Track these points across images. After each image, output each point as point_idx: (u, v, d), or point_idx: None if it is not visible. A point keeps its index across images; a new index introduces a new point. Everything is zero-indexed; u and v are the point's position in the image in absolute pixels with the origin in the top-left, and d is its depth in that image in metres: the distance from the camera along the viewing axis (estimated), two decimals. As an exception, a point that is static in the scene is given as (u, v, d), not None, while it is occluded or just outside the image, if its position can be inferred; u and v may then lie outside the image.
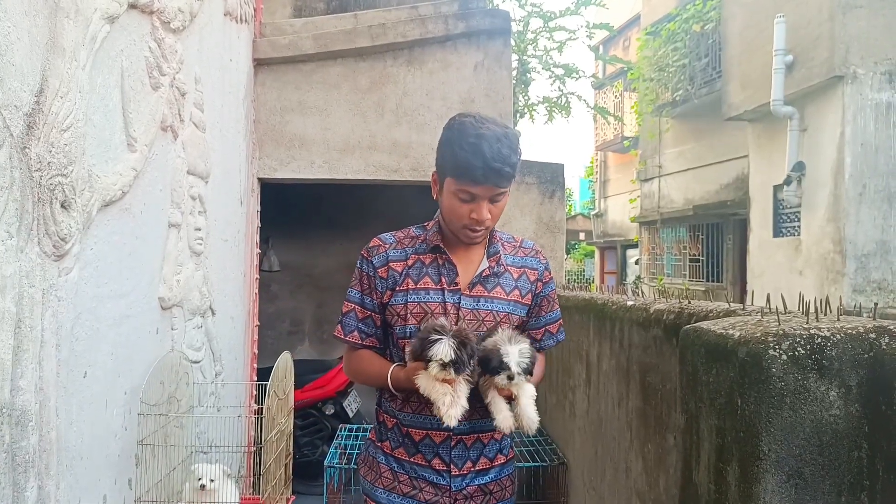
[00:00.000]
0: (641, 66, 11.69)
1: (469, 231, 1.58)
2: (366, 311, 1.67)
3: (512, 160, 1.51)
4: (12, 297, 1.62)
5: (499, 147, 1.48)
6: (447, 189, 1.57)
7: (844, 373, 1.16)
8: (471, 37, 4.37)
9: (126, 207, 2.26)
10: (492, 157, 1.47)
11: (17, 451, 1.65)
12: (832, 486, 1.15)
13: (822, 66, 7.29)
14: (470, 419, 1.62)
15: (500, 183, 1.51)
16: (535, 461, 3.39)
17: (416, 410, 1.63)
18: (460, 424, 1.58)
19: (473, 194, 1.52)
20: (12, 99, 1.61)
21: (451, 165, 1.54)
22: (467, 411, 1.59)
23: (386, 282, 1.64)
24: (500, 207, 1.59)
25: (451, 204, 1.57)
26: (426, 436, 1.63)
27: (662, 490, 1.93)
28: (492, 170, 1.48)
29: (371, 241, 1.71)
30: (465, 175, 1.50)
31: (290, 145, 4.25)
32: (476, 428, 1.66)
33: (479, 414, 1.63)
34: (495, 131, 1.50)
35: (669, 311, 1.90)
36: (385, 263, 1.65)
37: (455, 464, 1.63)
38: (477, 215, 1.54)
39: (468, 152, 1.49)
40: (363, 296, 1.67)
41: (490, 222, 1.58)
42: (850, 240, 7.03)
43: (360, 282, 1.67)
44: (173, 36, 2.64)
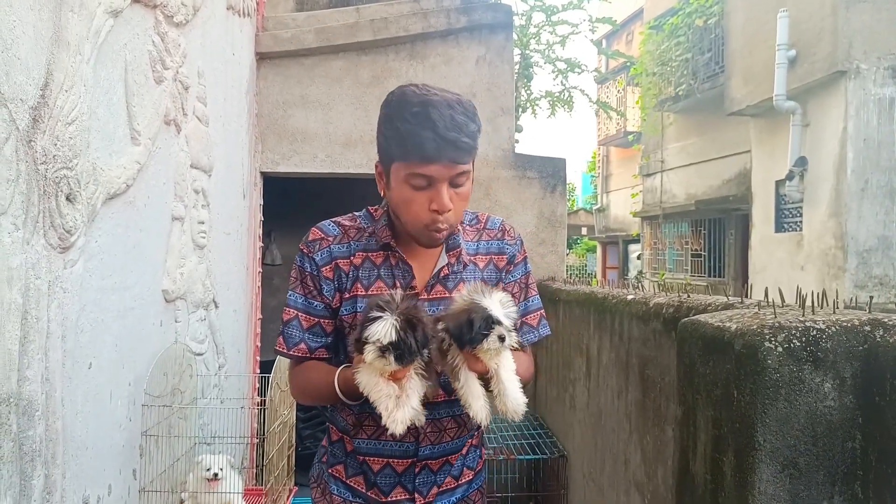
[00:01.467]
0: (644, 60, 11.66)
1: (432, 232, 1.29)
2: (312, 318, 1.38)
3: (470, 129, 1.23)
4: (19, 288, 1.64)
5: (451, 113, 1.21)
6: (395, 178, 1.28)
7: (839, 365, 1.17)
8: (473, 31, 4.38)
9: (130, 200, 2.28)
10: (444, 126, 1.19)
11: (24, 441, 1.67)
12: (826, 476, 1.17)
13: (824, 60, 7.28)
14: (439, 441, 1.39)
15: (458, 158, 1.22)
16: (535, 453, 3.42)
17: (372, 435, 1.38)
18: (424, 447, 1.37)
19: (428, 177, 1.23)
20: (18, 93, 1.62)
21: (395, 145, 1.25)
22: (430, 428, 1.37)
23: (332, 283, 1.37)
24: (464, 195, 1.29)
25: (402, 196, 1.28)
26: (386, 465, 1.38)
27: (661, 481, 1.95)
28: (446, 141, 1.19)
29: (310, 233, 1.42)
30: (413, 152, 1.21)
31: (292, 139, 4.27)
32: (446, 450, 1.41)
33: (448, 434, 1.40)
34: (445, 97, 1.24)
35: (669, 304, 1.91)
36: (330, 261, 1.37)
37: (420, 492, 1.39)
38: (437, 204, 1.24)
39: (414, 123, 1.20)
40: (308, 300, 1.38)
41: (454, 216, 1.29)
42: (851, 235, 7.03)
43: (301, 283, 1.39)
44: (176, 30, 2.65)
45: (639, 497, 2.14)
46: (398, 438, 1.33)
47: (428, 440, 1.38)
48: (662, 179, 12.61)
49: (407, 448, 1.38)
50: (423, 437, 1.37)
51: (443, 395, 1.38)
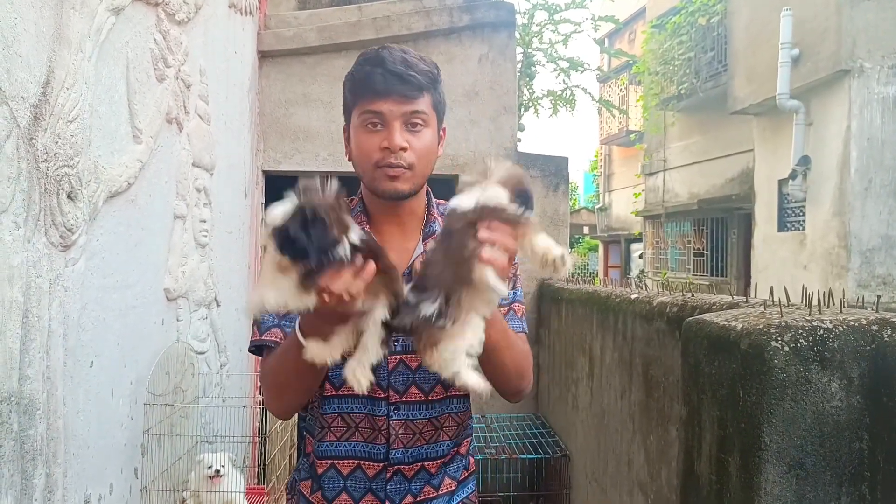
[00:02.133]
0: (647, 59, 11.63)
1: (385, 171, 1.22)
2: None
3: (419, 66, 1.23)
4: (20, 286, 1.63)
5: (402, 55, 1.23)
6: (354, 128, 1.27)
7: (846, 364, 1.16)
8: (475, 29, 4.37)
9: (132, 199, 2.27)
10: (392, 61, 1.21)
11: (26, 439, 1.67)
12: (833, 476, 1.16)
13: (828, 59, 7.25)
14: (413, 445, 1.29)
15: (407, 93, 1.21)
16: (537, 453, 3.41)
17: (341, 437, 1.29)
18: (396, 450, 1.26)
19: (378, 113, 1.21)
20: (19, 90, 1.62)
21: (349, 91, 1.28)
22: (402, 430, 1.26)
23: None
24: (423, 141, 1.24)
25: (358, 143, 1.25)
26: (357, 467, 1.28)
27: (664, 482, 1.94)
28: (393, 74, 1.20)
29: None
30: (364, 90, 1.23)
31: (294, 138, 4.26)
32: (421, 455, 1.30)
33: (423, 438, 1.30)
34: (402, 47, 1.27)
35: (673, 303, 1.90)
36: None
37: (391, 500, 1.29)
38: (388, 141, 1.21)
39: (364, 64, 1.24)
40: None
41: (411, 157, 1.23)
42: (854, 234, 7.01)
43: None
44: (178, 28, 2.65)
45: (642, 497, 2.13)
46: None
47: (400, 442, 1.28)
48: (665, 178, 12.59)
49: (377, 451, 1.28)
50: (395, 440, 1.27)
51: (417, 393, 1.28)
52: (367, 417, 1.27)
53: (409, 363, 1.28)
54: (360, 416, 1.27)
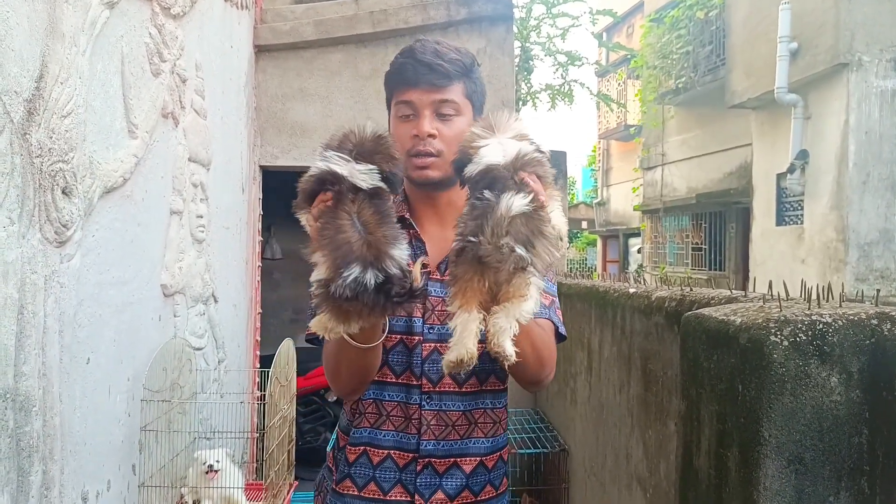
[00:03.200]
0: (645, 53, 11.61)
1: (413, 158, 1.26)
2: None
3: (449, 56, 1.27)
4: (15, 283, 1.62)
5: (434, 45, 1.28)
6: (391, 119, 1.34)
7: (846, 359, 1.16)
8: (473, 23, 4.34)
9: (127, 194, 2.26)
10: (422, 52, 1.26)
11: (22, 436, 1.66)
12: (832, 471, 1.16)
13: (826, 53, 7.24)
14: (444, 438, 1.27)
15: (436, 81, 1.25)
16: (535, 448, 3.41)
17: (374, 423, 1.29)
18: (426, 441, 1.26)
19: (410, 103, 1.26)
20: (12, 84, 1.60)
21: (386, 84, 1.35)
22: (434, 421, 1.26)
23: None
24: (454, 129, 1.26)
25: (394, 132, 1.31)
26: (387, 457, 1.28)
27: (663, 476, 1.94)
28: (423, 63, 1.25)
29: None
30: (396, 82, 1.29)
31: (291, 132, 4.24)
32: (453, 450, 1.28)
33: (457, 432, 1.28)
34: (436, 39, 1.33)
35: (671, 298, 1.90)
36: None
37: (421, 495, 1.26)
38: (417, 129, 1.25)
39: (399, 57, 1.31)
40: None
41: (440, 144, 1.26)
42: (852, 228, 7.01)
43: None
44: (174, 22, 2.62)
45: (641, 492, 2.13)
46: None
47: (431, 434, 1.27)
48: (663, 173, 12.58)
49: (407, 441, 1.27)
50: (426, 430, 1.26)
51: (451, 383, 1.26)
52: (400, 406, 1.27)
53: (444, 352, 1.23)
54: (392, 403, 1.28)
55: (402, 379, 1.27)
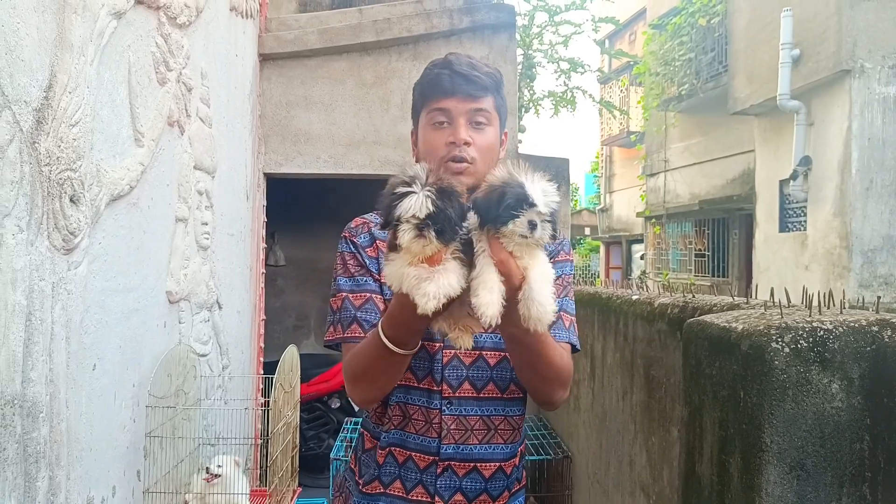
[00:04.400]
0: (647, 60, 11.64)
1: (449, 163, 1.28)
2: (363, 293, 1.32)
3: (484, 69, 1.34)
4: (23, 290, 1.64)
5: (468, 59, 1.35)
6: (422, 127, 1.36)
7: (847, 365, 1.17)
8: (476, 31, 4.37)
9: (134, 202, 2.28)
10: (458, 64, 1.32)
11: (29, 442, 1.67)
12: (834, 477, 1.16)
13: (829, 59, 7.25)
14: (464, 442, 1.31)
15: (472, 92, 1.31)
16: (539, 454, 3.41)
17: (399, 424, 1.33)
18: (447, 445, 1.30)
19: (446, 110, 1.31)
20: (22, 94, 1.62)
21: (419, 93, 1.38)
22: (454, 425, 1.30)
23: (378, 262, 1.33)
24: (486, 138, 1.32)
25: (425, 140, 1.34)
26: (409, 458, 1.32)
27: (666, 483, 1.94)
28: (459, 75, 1.31)
29: (352, 221, 1.42)
30: (432, 90, 1.33)
31: (295, 140, 4.26)
32: (473, 455, 1.32)
33: (476, 437, 1.32)
34: (468, 55, 1.40)
35: (674, 304, 1.91)
36: (371, 242, 1.36)
37: (441, 496, 1.30)
38: (454, 136, 1.29)
39: (434, 68, 1.35)
40: (354, 279, 1.34)
41: (476, 152, 1.30)
42: (856, 234, 7.00)
43: (345, 266, 1.36)
44: (179, 31, 2.65)
45: (644, 498, 2.13)
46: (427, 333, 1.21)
47: (451, 438, 1.30)
48: (666, 179, 12.59)
49: (428, 444, 1.31)
50: (447, 434, 1.30)
51: (469, 389, 1.31)
52: (422, 409, 1.31)
53: (463, 359, 1.32)
54: (414, 407, 1.32)
55: (424, 384, 1.31)
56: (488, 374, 1.32)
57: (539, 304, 1.05)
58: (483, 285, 1.03)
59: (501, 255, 1.05)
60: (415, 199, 1.01)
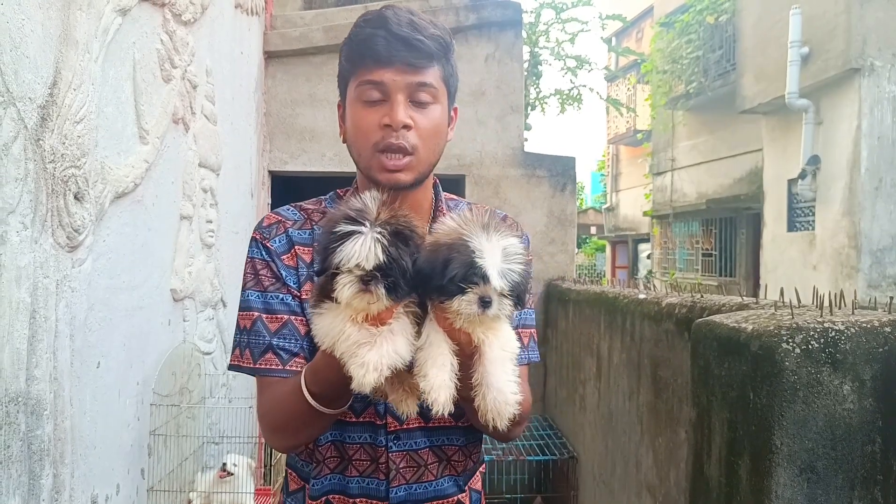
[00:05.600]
0: (654, 58, 11.59)
1: (383, 154, 1.03)
2: (279, 316, 1.08)
3: (429, 31, 1.04)
4: (27, 287, 1.63)
5: (409, 16, 1.05)
6: (350, 102, 1.08)
7: (858, 367, 1.15)
8: (482, 28, 4.35)
9: (138, 199, 2.28)
10: (398, 23, 1.03)
11: (33, 440, 1.67)
12: (845, 480, 1.14)
13: (838, 58, 7.19)
14: (417, 480, 1.10)
15: (414, 61, 1.03)
16: (544, 455, 3.40)
17: (335, 468, 1.09)
18: (397, 487, 1.07)
19: (379, 84, 1.03)
20: (26, 91, 1.62)
21: (346, 58, 1.08)
22: (404, 462, 1.08)
23: (296, 273, 1.10)
24: (430, 119, 1.06)
25: (355, 118, 1.06)
26: None
27: (673, 484, 1.92)
28: (398, 38, 1.02)
29: (264, 218, 1.17)
30: (363, 56, 1.04)
31: (300, 138, 4.26)
32: (428, 494, 1.11)
33: (430, 472, 1.11)
34: (410, 6, 1.11)
35: (682, 304, 1.89)
36: (289, 248, 1.12)
37: None
38: (390, 117, 1.02)
39: (365, 26, 1.05)
40: (267, 293, 1.10)
41: (417, 139, 1.04)
42: (865, 234, 6.95)
43: (256, 277, 1.12)
44: (184, 28, 2.65)
45: (650, 499, 2.11)
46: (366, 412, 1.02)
47: (402, 478, 1.08)
48: (673, 178, 12.53)
49: (375, 487, 1.08)
50: (395, 476, 1.08)
51: (417, 419, 1.08)
52: (364, 448, 1.09)
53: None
54: (355, 446, 1.09)
55: (365, 417, 1.08)
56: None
57: (497, 392, 0.87)
58: (431, 362, 0.84)
59: (444, 323, 0.87)
60: (360, 242, 0.81)
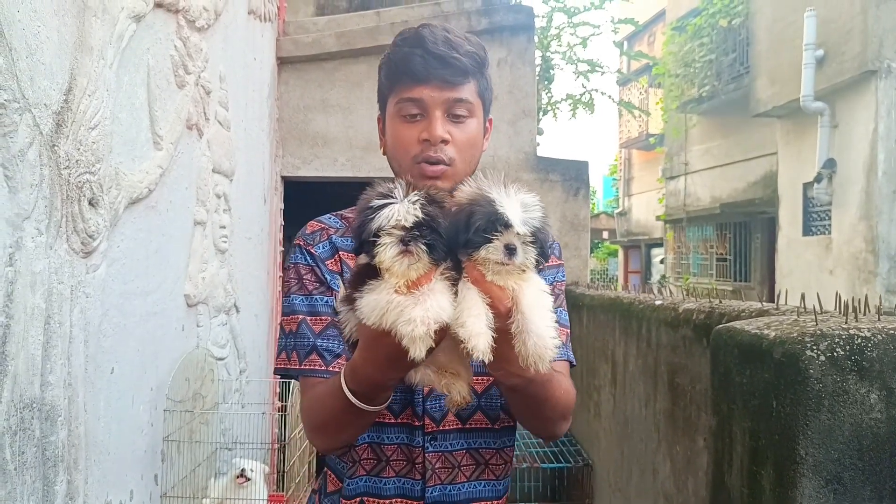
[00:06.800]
0: (667, 61, 11.53)
1: (422, 166, 1.09)
2: (322, 317, 1.11)
3: (465, 48, 1.09)
4: (41, 293, 1.64)
5: (445, 34, 1.10)
6: (390, 117, 1.15)
7: (886, 374, 1.12)
8: (494, 33, 4.35)
9: (152, 205, 2.28)
10: (433, 42, 1.08)
11: (47, 446, 1.67)
12: (873, 492, 1.11)
13: (854, 60, 7.11)
14: (452, 481, 1.12)
15: (450, 78, 1.08)
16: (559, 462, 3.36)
17: (371, 470, 1.12)
18: (432, 487, 1.10)
19: (418, 101, 1.09)
20: (42, 97, 1.63)
21: (385, 76, 1.16)
22: (439, 463, 1.11)
23: (339, 278, 1.14)
24: (466, 133, 1.11)
25: (394, 134, 1.14)
26: None
27: (691, 493, 1.89)
28: (435, 56, 1.07)
29: (307, 226, 1.22)
30: (402, 74, 1.10)
31: (313, 143, 4.27)
32: (461, 495, 1.13)
33: (464, 474, 1.13)
34: (446, 25, 1.15)
35: (699, 310, 1.86)
36: (332, 254, 1.16)
37: None
38: (428, 133, 1.08)
39: (403, 45, 1.12)
40: (311, 297, 1.13)
41: (454, 151, 1.10)
42: (883, 238, 6.85)
43: (300, 282, 1.14)
44: (198, 34, 2.66)
45: (668, 508, 2.08)
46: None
47: (437, 478, 1.11)
48: (686, 182, 12.45)
49: (411, 487, 1.11)
50: (431, 475, 1.11)
51: (454, 420, 1.11)
52: (401, 448, 1.12)
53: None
54: (392, 447, 1.12)
55: (403, 419, 1.12)
56: (475, 403, 1.11)
57: (537, 337, 0.88)
58: (467, 312, 0.85)
59: (475, 274, 0.88)
60: (398, 206, 0.84)
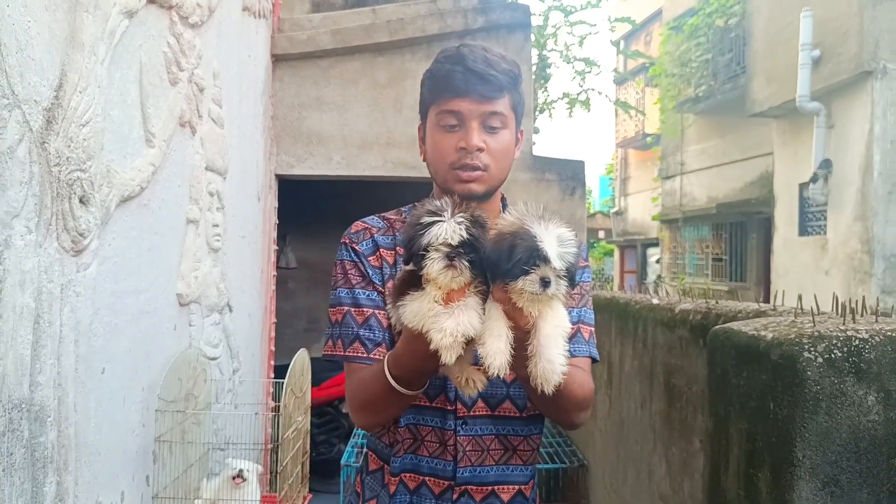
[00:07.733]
0: (663, 61, 11.54)
1: (458, 171, 1.21)
2: (364, 309, 1.25)
3: (501, 66, 1.22)
4: (31, 292, 1.61)
5: (483, 53, 1.22)
6: (430, 126, 1.27)
7: (884, 377, 1.11)
8: (490, 31, 4.33)
9: (144, 203, 2.26)
10: (473, 60, 1.20)
11: (36, 447, 1.65)
12: (870, 494, 1.11)
13: (850, 60, 7.12)
14: (481, 464, 1.24)
15: (487, 93, 1.19)
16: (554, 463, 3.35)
17: (409, 448, 1.25)
18: (463, 468, 1.22)
19: (457, 112, 1.20)
20: (32, 93, 1.60)
21: (427, 89, 1.28)
22: (470, 446, 1.22)
23: (381, 273, 1.27)
24: (500, 142, 1.23)
25: (434, 142, 1.25)
26: (422, 483, 1.24)
27: (687, 494, 1.88)
28: (474, 73, 1.19)
29: (352, 226, 1.34)
30: (443, 89, 1.22)
31: (307, 141, 4.24)
32: (490, 478, 1.24)
33: (492, 457, 1.24)
34: (485, 46, 1.27)
35: (696, 311, 1.85)
36: (374, 250, 1.29)
37: None
38: (465, 142, 1.20)
39: (445, 62, 1.23)
40: (356, 291, 1.26)
41: (489, 158, 1.21)
42: (878, 239, 6.87)
43: (345, 277, 1.28)
44: (192, 31, 2.63)
45: (663, 510, 2.07)
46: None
47: (468, 460, 1.23)
48: (682, 182, 12.46)
49: (443, 468, 1.23)
50: (462, 457, 1.22)
51: (483, 407, 1.24)
52: (435, 431, 1.24)
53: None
54: (427, 428, 1.24)
55: (437, 403, 1.23)
56: (504, 392, 1.24)
57: (547, 362, 1.00)
58: (489, 332, 0.98)
59: (502, 296, 1.00)
60: (446, 225, 0.97)
